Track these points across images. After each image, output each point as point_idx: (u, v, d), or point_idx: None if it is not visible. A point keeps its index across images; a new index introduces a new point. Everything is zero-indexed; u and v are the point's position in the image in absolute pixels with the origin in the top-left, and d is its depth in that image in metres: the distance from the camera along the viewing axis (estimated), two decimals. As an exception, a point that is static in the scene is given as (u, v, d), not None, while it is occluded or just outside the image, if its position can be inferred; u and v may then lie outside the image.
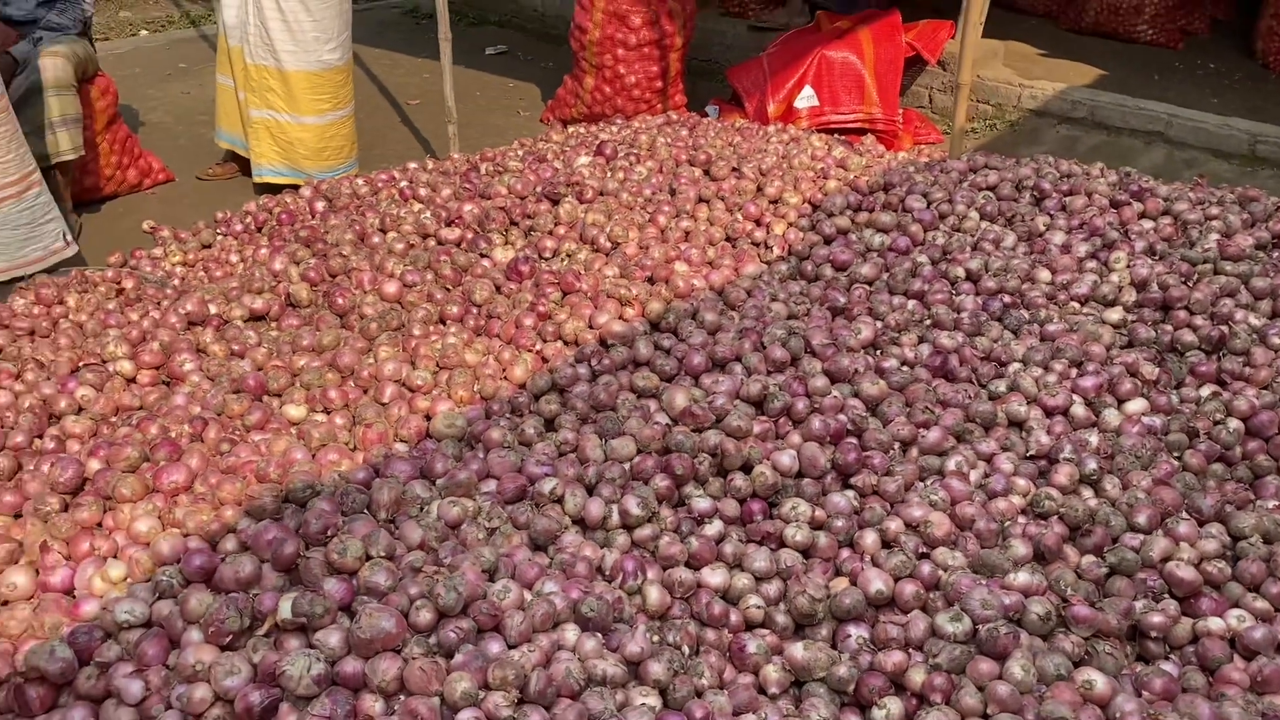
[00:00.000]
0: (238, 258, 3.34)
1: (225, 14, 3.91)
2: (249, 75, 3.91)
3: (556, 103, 5.11)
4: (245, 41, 3.87)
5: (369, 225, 3.05)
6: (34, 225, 3.03)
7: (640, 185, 3.16)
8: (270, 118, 3.95)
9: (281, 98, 3.91)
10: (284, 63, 3.86)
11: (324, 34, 3.87)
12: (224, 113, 4.15)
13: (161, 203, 4.05)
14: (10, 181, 2.94)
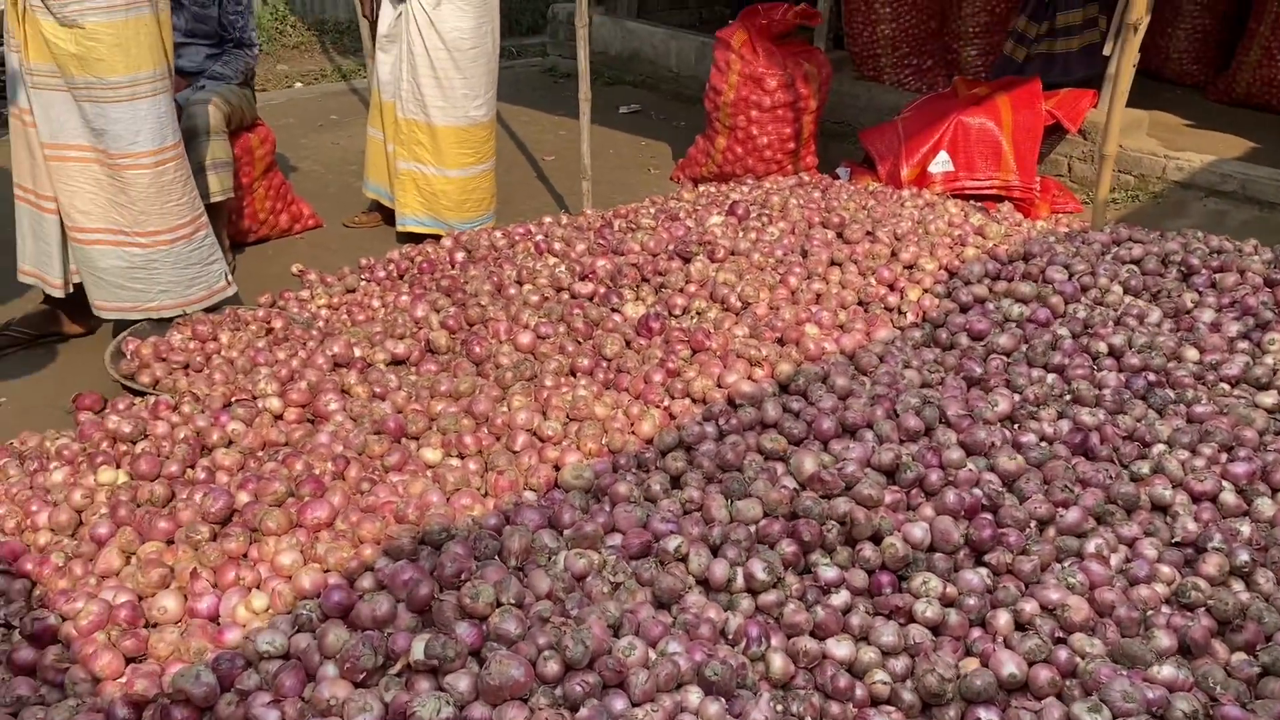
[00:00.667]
0: (379, 303, 3.47)
1: (380, 71, 4.11)
2: (399, 129, 4.09)
3: (688, 161, 5.18)
4: (398, 97, 4.06)
5: (506, 277, 3.13)
6: (202, 265, 3.21)
7: (772, 246, 3.17)
8: (417, 170, 4.11)
9: (429, 151, 4.07)
10: (433, 118, 4.02)
11: (472, 91, 4.03)
12: (372, 164, 4.34)
13: (310, 247, 4.24)
14: (184, 222, 3.13)
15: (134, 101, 2.91)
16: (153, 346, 3.03)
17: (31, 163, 2.98)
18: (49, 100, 2.87)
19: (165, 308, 3.16)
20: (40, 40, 2.81)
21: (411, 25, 3.93)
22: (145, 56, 2.91)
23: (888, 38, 5.87)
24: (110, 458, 2.32)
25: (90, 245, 3.03)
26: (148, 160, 2.99)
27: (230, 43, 3.94)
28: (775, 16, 4.83)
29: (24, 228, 3.09)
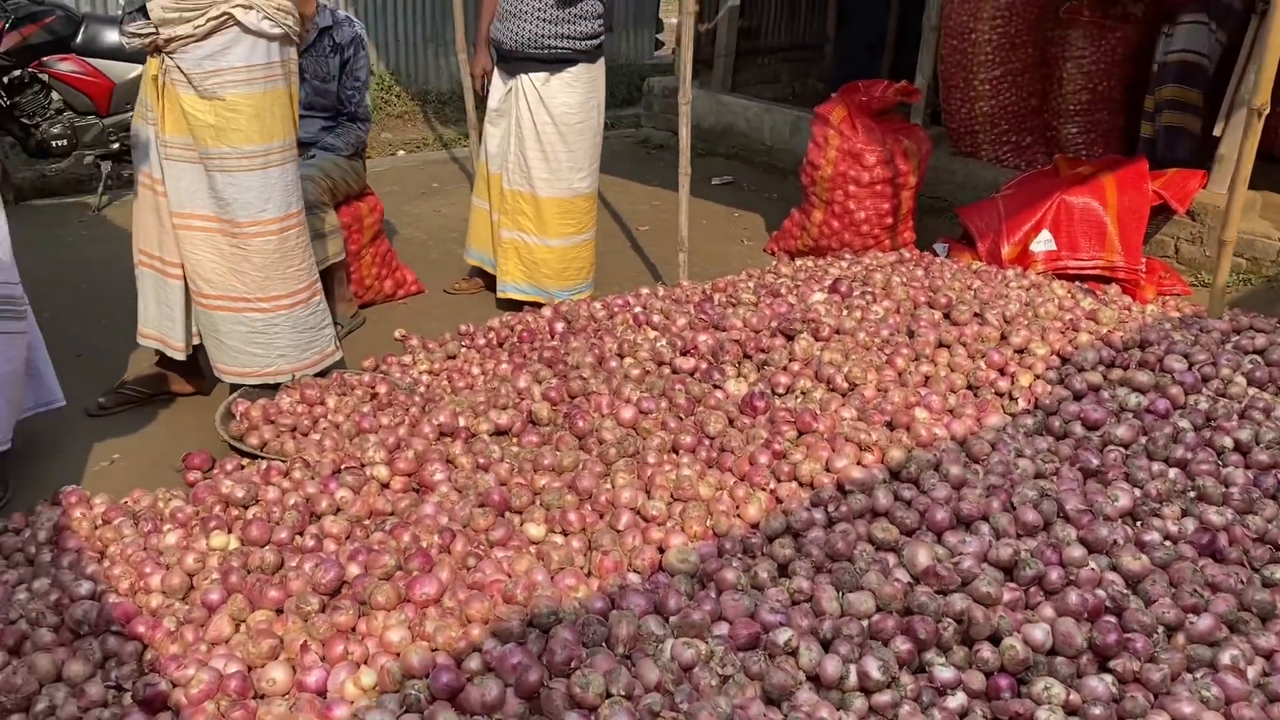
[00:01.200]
0: (479, 370, 3.50)
1: (489, 144, 4.21)
2: (505, 200, 4.18)
3: (782, 234, 5.18)
4: (505, 169, 4.16)
5: (607, 350, 3.14)
6: (316, 330, 3.29)
7: (877, 325, 3.13)
8: (519, 239, 4.19)
9: (532, 221, 4.15)
10: (538, 189, 4.10)
11: (576, 164, 4.12)
12: (475, 233, 4.43)
13: (412, 313, 4.31)
14: (303, 287, 3.21)
15: (266, 170, 3.02)
16: (262, 409, 3.09)
17: (160, 230, 3.08)
18: (180, 171, 2.98)
19: (282, 372, 3.23)
20: (178, 113, 2.92)
21: (521, 101, 4.03)
22: (278, 127, 3.03)
23: (986, 114, 5.83)
24: (223, 522, 2.36)
25: (214, 310, 3.11)
26: (274, 227, 3.09)
27: (345, 116, 4.07)
28: (875, 93, 4.83)
29: (147, 293, 3.19)
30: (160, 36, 2.82)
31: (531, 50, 3.95)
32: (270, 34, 2.93)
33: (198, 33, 2.83)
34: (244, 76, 2.91)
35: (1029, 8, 5.67)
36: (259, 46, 2.92)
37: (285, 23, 2.96)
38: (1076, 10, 5.89)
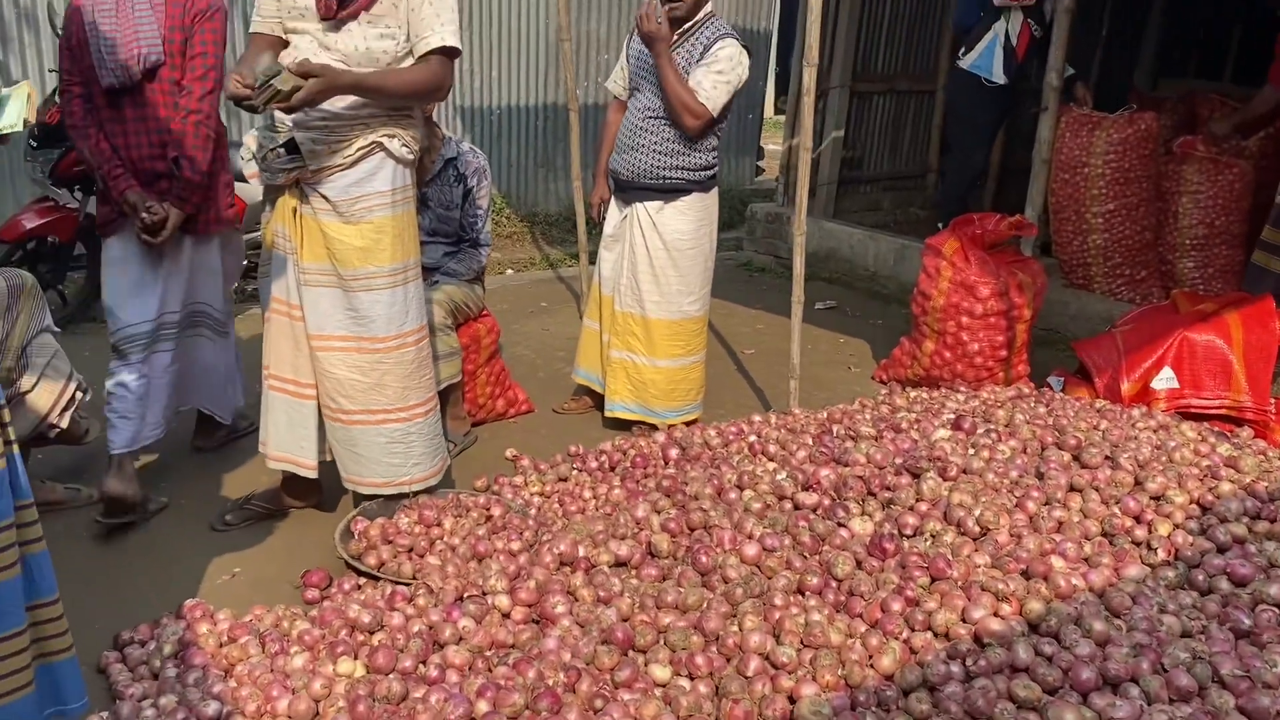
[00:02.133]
0: (590, 494, 3.50)
1: (603, 267, 4.31)
2: (615, 321, 4.26)
3: (891, 363, 5.13)
4: (617, 292, 4.25)
5: (726, 480, 3.11)
6: (439, 438, 3.37)
7: (1005, 466, 3.05)
8: (628, 359, 4.25)
9: (641, 342, 4.22)
10: (648, 311, 4.18)
11: (686, 288, 4.19)
12: (585, 352, 4.50)
13: (522, 431, 4.35)
14: (432, 395, 3.32)
15: (405, 286, 3.14)
16: (380, 528, 3.12)
17: (295, 353, 3.18)
18: (318, 295, 3.09)
19: (416, 480, 3.29)
20: (318, 240, 3.04)
21: (635, 227, 4.14)
22: (412, 245, 3.17)
23: (1099, 247, 5.77)
24: (349, 647, 2.36)
25: (353, 425, 3.18)
26: (412, 338, 3.20)
27: (467, 242, 4.20)
28: (988, 226, 4.82)
29: (277, 416, 3.26)
30: (308, 168, 2.97)
31: (647, 181, 4.06)
32: (406, 160, 3.08)
33: (346, 162, 2.96)
34: (388, 200, 3.04)
35: (1142, 142, 5.65)
36: (398, 171, 3.06)
37: (416, 150, 3.11)
38: (1190, 145, 5.85)
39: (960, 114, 6.40)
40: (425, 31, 2.89)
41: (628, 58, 4.18)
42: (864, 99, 7.77)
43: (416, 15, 2.88)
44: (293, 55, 2.91)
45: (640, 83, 4.06)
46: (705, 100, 3.88)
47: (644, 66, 4.03)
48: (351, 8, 2.86)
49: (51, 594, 1.97)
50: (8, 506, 1.85)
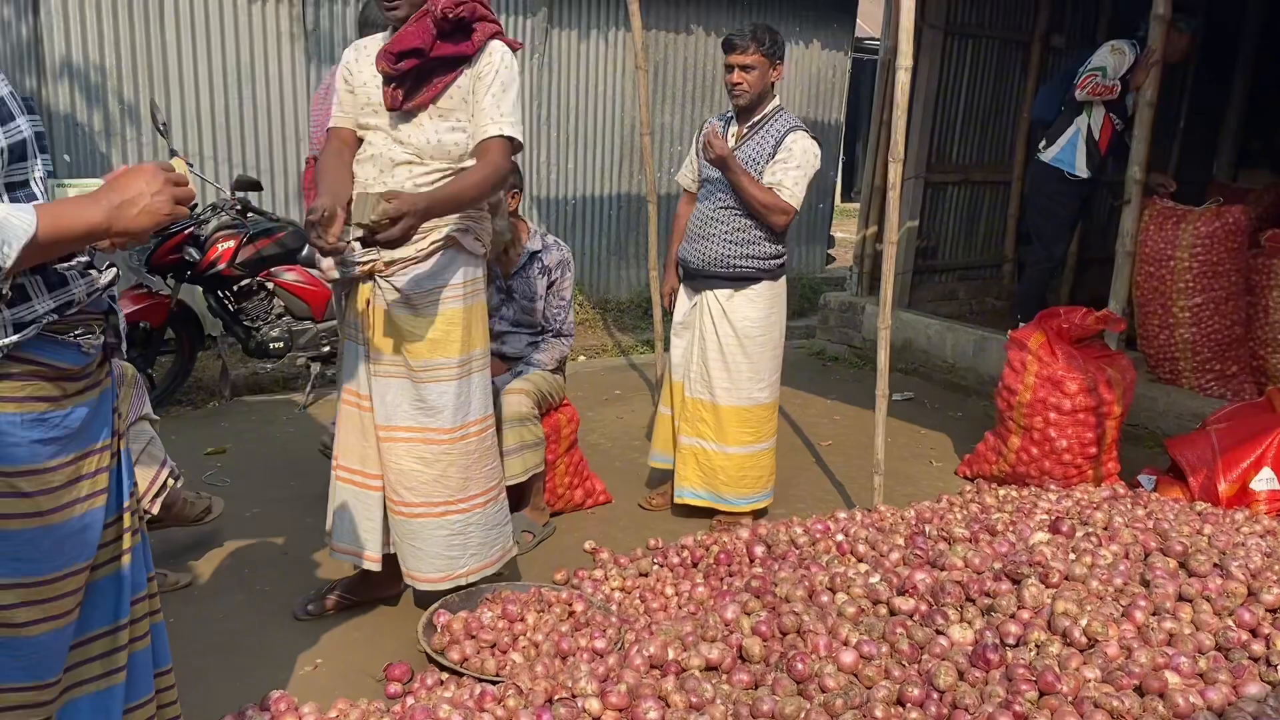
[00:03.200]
0: (673, 591, 3.44)
1: (673, 354, 4.34)
2: (685, 407, 4.27)
3: (975, 458, 5.02)
4: (687, 378, 4.27)
5: (818, 582, 3.03)
6: (501, 526, 3.36)
7: (1109, 573, 2.94)
8: (698, 445, 4.24)
9: (711, 428, 4.21)
10: (718, 398, 4.19)
11: (756, 375, 4.20)
12: (661, 437, 4.51)
13: (600, 523, 4.32)
14: (494, 485, 3.31)
15: (470, 376, 3.18)
16: (463, 622, 3.09)
17: (363, 445, 3.21)
18: (387, 386, 3.12)
19: (473, 571, 3.28)
20: (389, 331, 3.08)
21: (706, 315, 4.17)
22: (479, 336, 3.21)
23: (1187, 342, 5.63)
24: (439, 750, 2.31)
25: (415, 518, 3.19)
26: (475, 428, 3.21)
27: (550, 333, 4.23)
28: (1074, 320, 4.74)
29: (344, 509, 3.28)
30: (381, 260, 3.02)
31: (718, 269, 4.10)
32: (477, 253, 3.14)
33: (419, 255, 3.02)
34: (460, 293, 3.09)
35: (1230, 235, 5.54)
36: (469, 264, 3.12)
37: (486, 243, 3.18)
38: (1278, 238, 5.73)
39: (1041, 207, 6.34)
40: (484, 122, 2.96)
41: (697, 151, 4.26)
42: (938, 189, 7.76)
43: (479, 108, 2.96)
44: (367, 153, 3.01)
45: (711, 174, 4.12)
46: (789, 198, 3.95)
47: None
48: (418, 99, 2.95)
49: (167, 662, 2.14)
50: (142, 579, 2.02)
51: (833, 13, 9.40)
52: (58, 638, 1.85)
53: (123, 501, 1.98)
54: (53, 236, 1.63)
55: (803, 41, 9.40)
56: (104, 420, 1.91)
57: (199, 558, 3.79)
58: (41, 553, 1.80)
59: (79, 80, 6.20)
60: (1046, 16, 7.74)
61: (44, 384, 1.77)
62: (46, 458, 1.78)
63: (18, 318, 1.70)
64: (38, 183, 1.76)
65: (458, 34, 2.92)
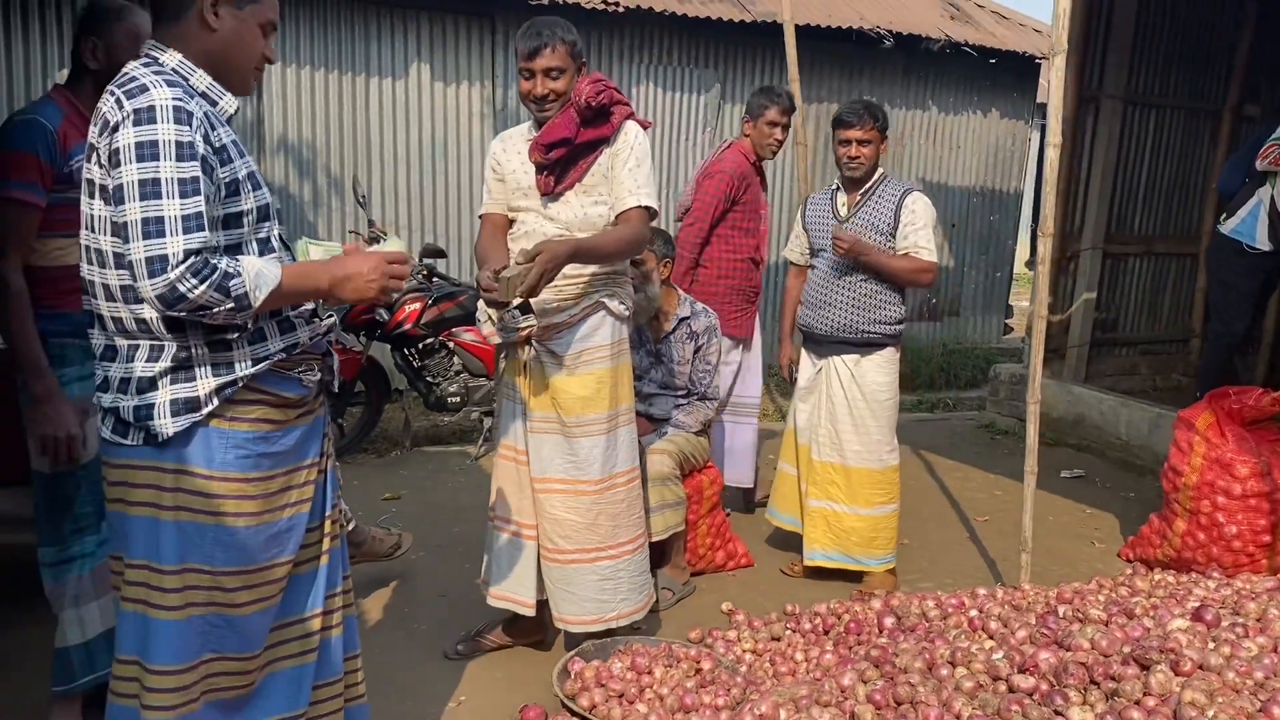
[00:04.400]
0: (803, 656, 3.49)
1: (798, 418, 4.47)
2: (813, 470, 4.38)
3: (1139, 540, 4.82)
4: (814, 441, 4.38)
5: (939, 655, 3.03)
6: (646, 575, 3.55)
7: (1249, 665, 2.80)
8: (828, 508, 4.35)
9: (842, 490, 4.32)
10: (849, 460, 4.30)
11: (885, 439, 4.31)
12: (782, 494, 4.63)
13: (739, 586, 4.41)
14: (642, 533, 3.52)
15: (618, 430, 3.40)
16: (595, 670, 3.25)
17: (519, 497, 3.44)
18: (542, 441, 3.36)
19: (623, 615, 3.46)
20: (544, 391, 3.32)
21: (834, 380, 4.30)
22: (625, 392, 3.44)
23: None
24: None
25: (569, 564, 3.39)
26: (623, 479, 3.42)
27: (695, 396, 4.40)
28: (1248, 401, 4.52)
29: (500, 557, 3.51)
30: (538, 326, 3.27)
31: (845, 335, 4.23)
32: (623, 316, 3.38)
33: (572, 320, 3.28)
34: (608, 353, 3.34)
35: None
36: (616, 327, 3.36)
37: (630, 306, 3.43)
38: None
39: (1221, 280, 6.07)
40: (623, 194, 3.22)
41: (805, 226, 4.44)
42: (1119, 260, 7.52)
43: (618, 182, 3.23)
44: (520, 230, 3.30)
45: (825, 243, 4.27)
46: (929, 256, 4.14)
47: (827, 230, 4.27)
48: (566, 181, 3.24)
49: (356, 649, 2.51)
50: (338, 578, 2.40)
51: (1013, 82, 9.30)
52: (263, 618, 2.22)
53: (325, 511, 2.35)
54: (289, 291, 2.06)
55: (980, 110, 9.34)
56: (315, 441, 2.29)
57: (366, 595, 4.11)
58: (256, 546, 2.17)
59: (292, 156, 6.91)
60: (1239, 87, 7.44)
61: (270, 409, 2.15)
62: (267, 469, 2.16)
63: (256, 354, 2.10)
64: (276, 239, 2.19)
65: (598, 119, 3.20)
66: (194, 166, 1.94)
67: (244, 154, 2.12)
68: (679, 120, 8.09)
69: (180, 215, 1.91)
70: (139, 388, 2.07)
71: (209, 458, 2.08)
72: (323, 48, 6.86)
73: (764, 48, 8.12)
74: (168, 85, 1.97)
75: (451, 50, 7.23)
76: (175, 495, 2.09)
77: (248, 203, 2.08)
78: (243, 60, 2.13)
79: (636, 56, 7.78)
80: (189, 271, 1.90)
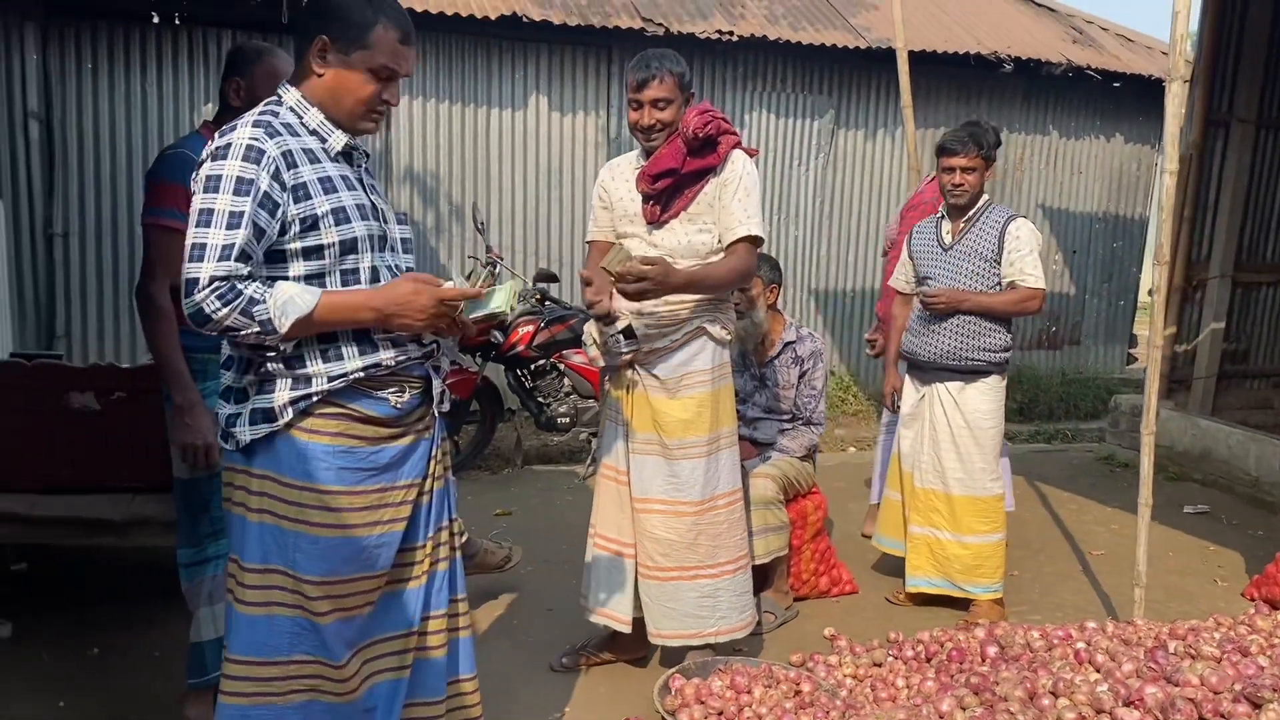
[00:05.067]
0: (903, 683, 3.48)
1: (902, 444, 4.47)
2: (916, 496, 4.38)
3: (1265, 579, 4.63)
4: (917, 468, 4.38)
5: (1040, 685, 3.00)
6: (747, 595, 3.57)
7: (1373, 711, 2.70)
8: (931, 534, 4.33)
9: (945, 518, 4.30)
10: (952, 488, 4.28)
11: (988, 467, 4.27)
12: (888, 521, 4.62)
13: (843, 612, 4.40)
14: (743, 554, 3.55)
15: (718, 453, 3.45)
16: (695, 688, 3.31)
17: (619, 516, 3.52)
18: (643, 462, 3.43)
19: (721, 633, 3.51)
20: (646, 413, 3.40)
21: (937, 407, 4.28)
22: (726, 415, 3.48)
23: None
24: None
25: (668, 581, 3.46)
26: (723, 501, 3.46)
27: (801, 421, 4.43)
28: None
29: (600, 575, 3.60)
30: (641, 350, 3.36)
31: (949, 362, 4.21)
32: (724, 341, 3.44)
33: (674, 344, 3.36)
34: (708, 377, 3.40)
35: None
36: (717, 351, 3.42)
37: (732, 331, 3.48)
38: None
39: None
40: (733, 224, 3.28)
41: (910, 254, 4.43)
42: (1250, 289, 7.24)
43: (726, 212, 3.29)
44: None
45: (931, 271, 4.27)
46: (1035, 282, 4.10)
47: (932, 258, 4.27)
48: (672, 210, 3.32)
49: (469, 672, 2.54)
50: (444, 600, 2.45)
51: (1137, 105, 9.06)
52: (344, 628, 2.27)
53: (428, 533, 2.40)
54: (326, 319, 2.13)
55: (1103, 135, 9.12)
56: (416, 463, 2.34)
57: (476, 607, 4.26)
58: (341, 558, 2.23)
59: (417, 185, 7.22)
60: (1383, 107, 7.11)
61: (354, 424, 2.22)
62: (352, 483, 2.22)
63: (331, 372, 2.20)
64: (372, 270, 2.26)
65: (704, 149, 3.29)
66: (246, 201, 2.08)
67: (337, 190, 2.21)
68: (792, 147, 8.15)
69: (220, 244, 2.06)
70: (235, 398, 2.24)
71: (290, 466, 2.18)
72: (447, 81, 7.17)
73: (878, 73, 8.11)
74: (254, 125, 2.14)
75: (569, 81, 7.45)
76: (260, 499, 2.20)
77: (329, 237, 2.18)
78: (350, 103, 2.24)
79: (750, 84, 7.87)
80: (213, 295, 2.03)
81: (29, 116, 6.35)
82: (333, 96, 2.23)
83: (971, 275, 4.16)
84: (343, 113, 2.25)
